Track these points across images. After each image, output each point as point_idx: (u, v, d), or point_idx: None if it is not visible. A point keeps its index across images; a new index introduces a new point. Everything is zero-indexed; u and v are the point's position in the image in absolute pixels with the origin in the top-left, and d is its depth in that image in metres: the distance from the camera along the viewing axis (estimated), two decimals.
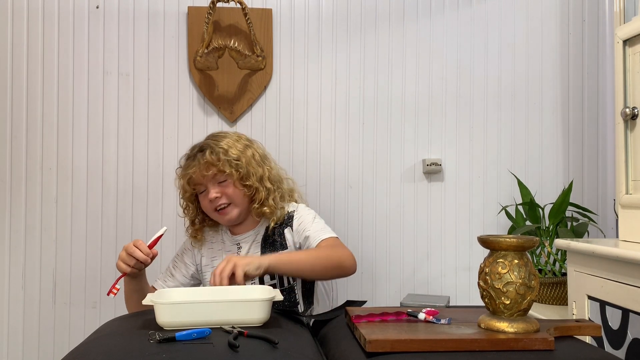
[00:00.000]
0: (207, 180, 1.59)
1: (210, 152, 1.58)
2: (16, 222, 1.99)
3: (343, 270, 1.53)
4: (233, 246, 1.66)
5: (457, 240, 2.13)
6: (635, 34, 1.47)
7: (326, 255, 1.52)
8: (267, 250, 1.64)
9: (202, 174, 1.58)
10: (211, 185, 1.59)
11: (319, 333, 1.31)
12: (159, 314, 1.11)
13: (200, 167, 1.58)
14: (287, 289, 1.62)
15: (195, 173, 1.58)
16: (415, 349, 0.99)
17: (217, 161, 1.58)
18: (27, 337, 1.99)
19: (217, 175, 1.59)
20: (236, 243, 1.66)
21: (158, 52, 2.04)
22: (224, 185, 1.60)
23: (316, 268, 1.50)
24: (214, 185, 1.59)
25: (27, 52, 2.00)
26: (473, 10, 2.14)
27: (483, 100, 2.14)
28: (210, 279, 1.42)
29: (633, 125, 1.50)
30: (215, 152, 1.59)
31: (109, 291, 1.41)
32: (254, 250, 1.65)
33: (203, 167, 1.58)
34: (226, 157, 1.58)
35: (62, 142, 2.01)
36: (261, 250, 1.64)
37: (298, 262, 1.50)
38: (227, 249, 1.67)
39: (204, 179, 1.59)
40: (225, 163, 1.57)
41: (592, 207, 2.12)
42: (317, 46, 2.10)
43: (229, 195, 1.59)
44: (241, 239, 1.66)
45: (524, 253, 1.06)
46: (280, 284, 1.62)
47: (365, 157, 2.11)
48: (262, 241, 1.65)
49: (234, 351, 0.97)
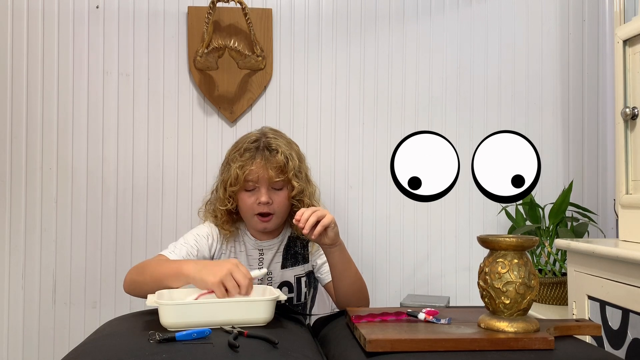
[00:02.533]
0: (264, 182, 1.48)
1: (282, 155, 1.48)
2: (16, 222, 1.99)
3: (359, 303, 1.50)
4: (254, 251, 1.58)
5: (457, 240, 2.13)
6: (635, 34, 1.48)
7: (362, 285, 1.50)
8: (288, 262, 1.59)
9: (268, 174, 1.47)
10: (264, 188, 1.49)
11: (319, 333, 1.31)
12: (164, 315, 1.11)
13: (268, 167, 1.47)
14: (302, 304, 1.61)
15: (260, 170, 1.47)
16: (415, 349, 0.99)
17: (286, 167, 1.48)
18: (27, 337, 1.99)
19: (278, 182, 1.49)
20: (259, 248, 1.59)
21: (158, 52, 2.05)
22: (278, 193, 1.50)
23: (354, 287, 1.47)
24: (268, 189, 1.49)
25: (27, 52, 2.00)
26: (473, 10, 2.14)
27: (483, 100, 2.14)
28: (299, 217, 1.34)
29: (633, 125, 1.50)
30: (286, 155, 1.48)
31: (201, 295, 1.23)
32: (276, 259, 1.59)
33: (271, 167, 1.47)
34: (293, 167, 1.49)
35: (62, 142, 2.01)
36: (282, 261, 1.59)
37: (350, 269, 1.46)
38: (249, 252, 1.59)
39: (263, 179, 1.48)
40: (293, 174, 1.49)
41: (592, 207, 2.12)
42: (317, 46, 2.10)
43: (278, 204, 1.50)
44: (265, 246, 1.58)
45: (524, 253, 1.06)
46: (298, 299, 1.59)
47: (365, 157, 2.11)
48: (284, 251, 1.59)
49: (234, 351, 0.97)
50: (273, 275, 1.58)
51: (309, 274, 1.62)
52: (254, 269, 1.36)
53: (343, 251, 1.44)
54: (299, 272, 1.60)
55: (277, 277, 1.59)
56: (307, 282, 1.60)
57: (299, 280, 1.59)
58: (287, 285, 1.59)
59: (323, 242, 1.38)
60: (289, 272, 1.59)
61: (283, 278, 1.59)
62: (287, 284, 1.59)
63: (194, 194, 2.03)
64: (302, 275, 1.60)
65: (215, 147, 2.05)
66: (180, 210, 2.04)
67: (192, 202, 2.02)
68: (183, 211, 2.04)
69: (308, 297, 1.62)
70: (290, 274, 1.59)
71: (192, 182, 2.05)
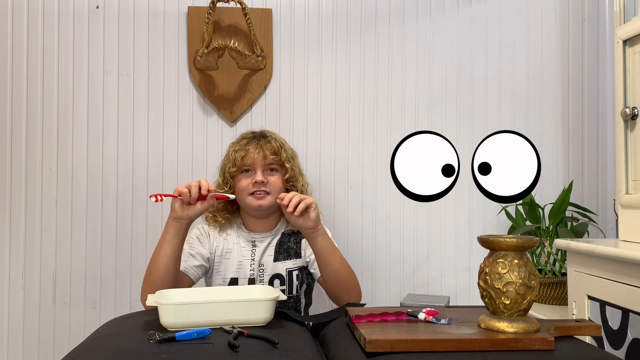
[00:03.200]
0: (259, 163, 1.63)
1: (275, 142, 1.66)
2: (16, 222, 1.99)
3: (350, 293, 1.52)
4: (248, 243, 1.66)
5: (457, 240, 2.13)
6: (635, 34, 1.48)
7: (350, 271, 1.54)
8: (281, 256, 1.65)
9: (263, 154, 1.63)
10: (260, 169, 1.63)
11: (319, 333, 1.31)
12: (164, 315, 1.11)
13: (262, 150, 1.63)
14: (294, 297, 1.63)
15: (256, 152, 1.63)
16: (415, 349, 0.99)
17: (279, 151, 1.64)
18: (27, 337, 1.99)
19: (272, 164, 1.64)
20: (251, 240, 1.66)
21: (158, 52, 2.04)
22: (273, 174, 1.64)
23: (340, 273, 1.51)
24: (263, 171, 1.63)
25: (27, 52, 2.00)
26: (473, 9, 2.14)
27: (483, 100, 2.14)
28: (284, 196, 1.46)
29: (633, 125, 1.50)
30: (279, 142, 1.67)
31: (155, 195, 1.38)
32: (269, 252, 1.65)
33: (266, 150, 1.63)
34: (286, 154, 1.65)
35: (62, 142, 2.01)
36: (274, 255, 1.65)
37: (334, 254, 1.51)
38: (242, 244, 1.66)
39: (257, 161, 1.63)
40: (285, 157, 1.65)
41: (592, 207, 2.12)
42: (317, 46, 2.10)
43: (272, 185, 1.63)
44: (257, 238, 1.67)
45: (524, 253, 1.06)
46: (289, 291, 1.63)
47: (365, 157, 2.11)
48: (277, 245, 1.66)
49: (234, 351, 0.97)
50: (265, 268, 1.64)
51: (301, 269, 1.67)
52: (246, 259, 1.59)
53: (326, 237, 1.51)
54: (291, 265, 1.65)
55: (269, 270, 1.64)
56: (298, 276, 1.65)
57: (290, 273, 1.64)
58: (278, 277, 1.64)
59: (306, 225, 1.46)
60: (281, 265, 1.65)
61: (275, 270, 1.64)
62: (279, 277, 1.64)
63: None
64: (294, 269, 1.65)
65: (215, 147, 2.05)
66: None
67: None
68: None
69: (300, 291, 1.66)
70: (282, 266, 1.65)
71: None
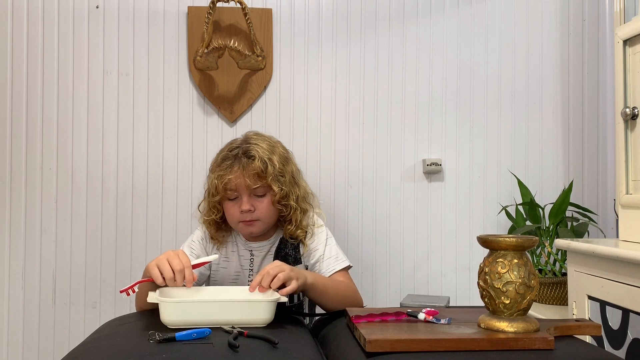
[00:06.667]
0: (243, 190, 1.46)
1: (260, 161, 1.44)
2: (16, 222, 1.99)
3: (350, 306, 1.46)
4: (245, 251, 1.59)
5: (457, 240, 2.13)
6: (635, 34, 1.48)
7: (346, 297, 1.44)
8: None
9: (245, 182, 1.44)
10: (246, 196, 1.46)
11: (319, 333, 1.31)
12: (164, 313, 1.11)
13: (245, 175, 1.44)
14: (295, 305, 1.59)
15: (238, 179, 1.45)
16: (415, 349, 0.99)
17: (264, 173, 1.44)
18: (27, 337, 1.99)
19: (258, 188, 1.46)
20: (249, 249, 1.59)
21: (158, 52, 2.04)
22: (260, 200, 1.48)
23: (337, 305, 1.40)
24: (249, 197, 1.47)
25: (27, 52, 2.00)
26: (473, 9, 2.14)
27: (483, 100, 2.14)
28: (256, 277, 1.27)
29: (633, 125, 1.50)
30: (264, 161, 1.45)
31: (125, 290, 1.25)
32: (267, 260, 1.58)
33: (248, 175, 1.44)
34: (273, 171, 1.45)
35: (62, 142, 2.01)
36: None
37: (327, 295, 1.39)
38: (240, 252, 1.59)
39: (241, 188, 1.46)
40: (273, 179, 1.45)
41: (592, 207, 2.12)
42: (317, 46, 2.10)
43: (261, 211, 1.48)
44: (255, 247, 1.58)
45: (524, 253, 1.06)
46: (291, 300, 1.56)
47: (365, 157, 2.11)
48: (276, 253, 1.59)
49: (234, 351, 0.97)
50: None
51: None
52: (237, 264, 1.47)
53: (314, 284, 1.36)
54: None
55: None
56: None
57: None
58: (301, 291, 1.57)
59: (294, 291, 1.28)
60: None
61: None
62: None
63: (193, 194, 2.03)
64: None
65: (215, 147, 2.04)
66: (180, 210, 2.04)
67: (192, 202, 2.03)
68: (183, 211, 2.04)
69: (303, 298, 1.60)
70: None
71: (192, 182, 2.05)
